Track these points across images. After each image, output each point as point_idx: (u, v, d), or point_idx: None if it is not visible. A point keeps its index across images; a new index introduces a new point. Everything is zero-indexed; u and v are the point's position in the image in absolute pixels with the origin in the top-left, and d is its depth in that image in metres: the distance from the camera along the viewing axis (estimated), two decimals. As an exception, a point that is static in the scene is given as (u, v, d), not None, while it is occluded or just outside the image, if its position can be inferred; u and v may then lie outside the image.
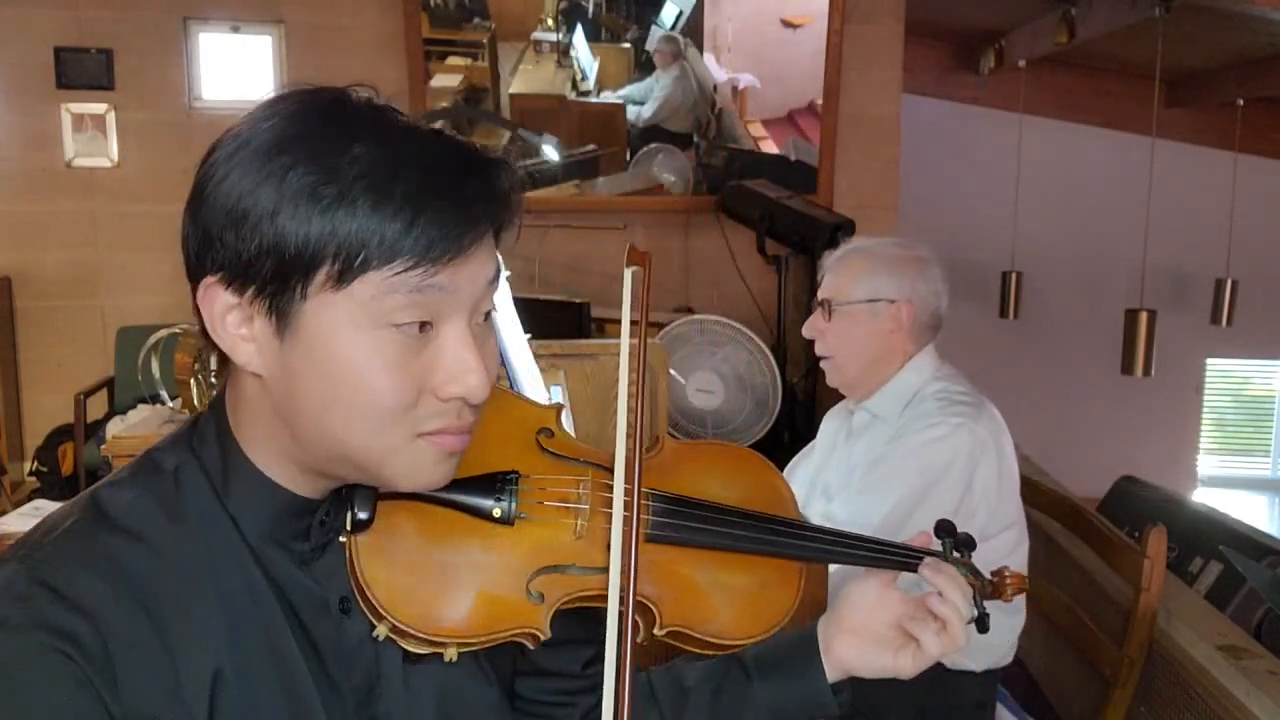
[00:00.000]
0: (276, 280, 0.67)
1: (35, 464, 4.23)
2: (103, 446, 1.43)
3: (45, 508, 2.88)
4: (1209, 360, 6.80)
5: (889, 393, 1.86)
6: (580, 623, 0.91)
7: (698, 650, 0.86)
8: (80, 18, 4.19)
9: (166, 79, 4.27)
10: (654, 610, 0.83)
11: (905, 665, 0.89)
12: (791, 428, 3.38)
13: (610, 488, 0.83)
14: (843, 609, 0.92)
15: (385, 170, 0.67)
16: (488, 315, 0.75)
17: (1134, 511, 3.63)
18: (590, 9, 4.23)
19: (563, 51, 4.25)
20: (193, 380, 1.39)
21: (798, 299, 3.96)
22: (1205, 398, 6.90)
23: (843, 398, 2.01)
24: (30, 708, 0.65)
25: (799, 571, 0.90)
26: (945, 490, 1.72)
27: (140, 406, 3.67)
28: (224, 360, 0.74)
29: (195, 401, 1.40)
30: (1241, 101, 5.74)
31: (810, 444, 2.13)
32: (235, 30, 4.30)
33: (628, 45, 4.27)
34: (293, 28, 4.29)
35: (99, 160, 4.28)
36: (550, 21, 4.23)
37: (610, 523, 0.81)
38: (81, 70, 4.22)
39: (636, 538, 0.80)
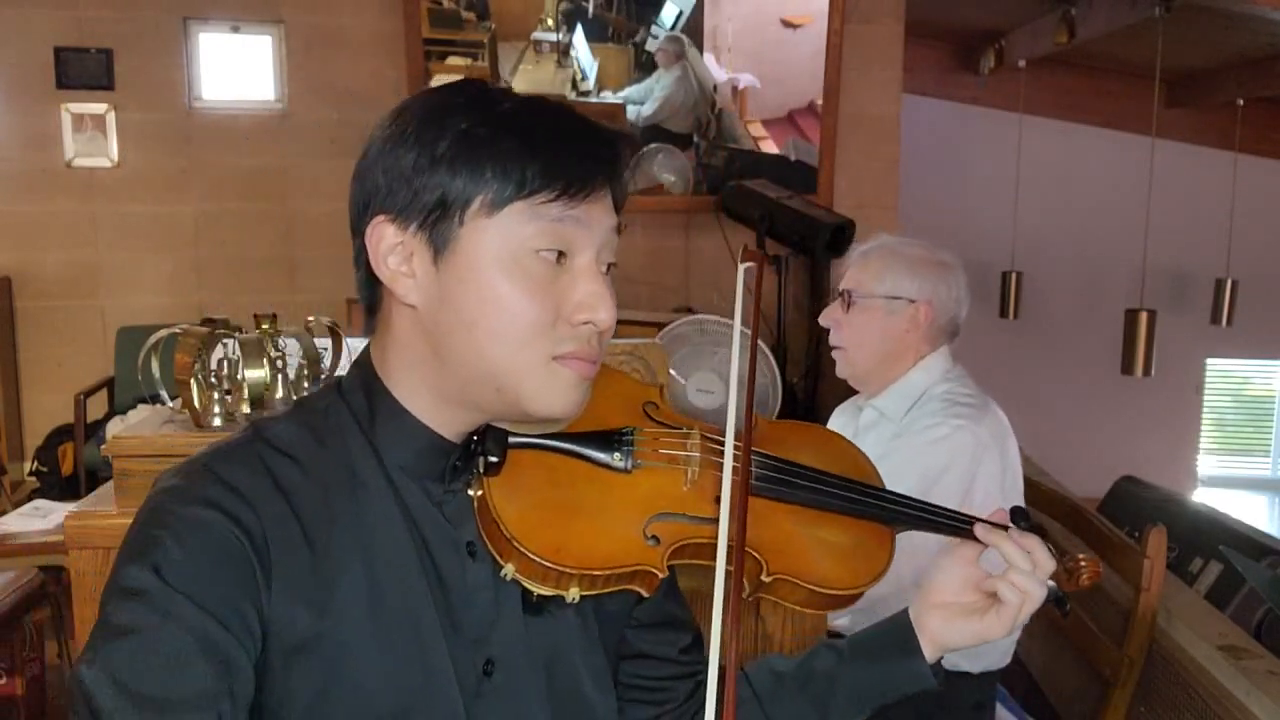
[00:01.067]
0: (439, 209, 0.78)
1: (35, 464, 4.23)
2: (103, 446, 1.43)
3: (45, 508, 2.89)
4: (1209, 360, 6.80)
5: (897, 391, 1.87)
6: (681, 606, 1.00)
7: (799, 604, 0.91)
8: (80, 18, 4.19)
9: (166, 79, 4.28)
10: (760, 559, 0.88)
11: (994, 625, 0.92)
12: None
13: (717, 444, 0.91)
14: (929, 590, 0.96)
15: (529, 120, 0.80)
16: (610, 269, 0.84)
17: (1134, 511, 3.63)
18: (590, 9, 4.23)
19: (563, 51, 4.25)
20: (193, 380, 1.39)
21: (798, 299, 3.96)
22: (1205, 398, 6.91)
23: (852, 393, 2.01)
24: (196, 563, 0.74)
25: (891, 535, 0.96)
26: (944, 492, 1.71)
27: (140, 406, 3.67)
28: (371, 312, 0.86)
29: (195, 402, 1.40)
30: (1241, 101, 5.74)
31: None
32: (235, 30, 4.30)
33: (628, 45, 4.27)
34: (293, 28, 4.29)
35: (99, 160, 4.28)
36: (550, 22, 4.23)
37: (717, 479, 0.89)
38: (81, 70, 4.22)
39: (747, 491, 0.85)
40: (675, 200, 4.34)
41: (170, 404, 1.51)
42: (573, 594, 0.82)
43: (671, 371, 2.91)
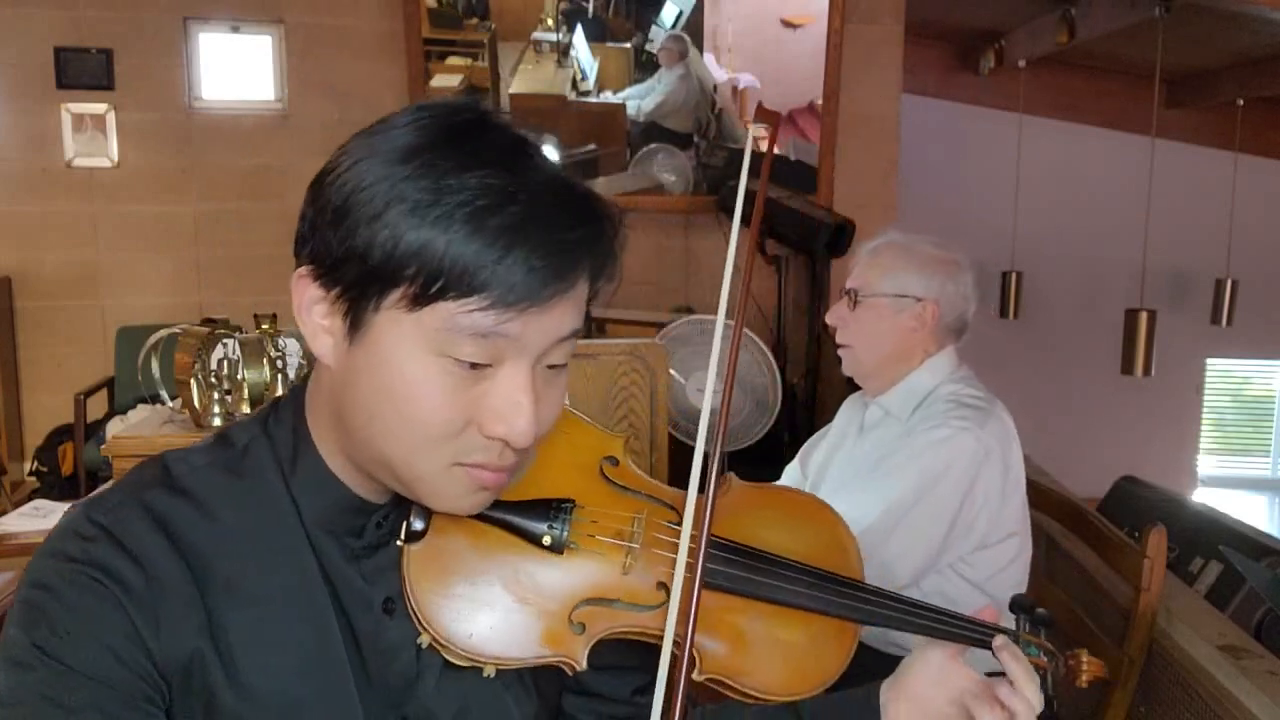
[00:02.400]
0: (357, 287, 0.69)
1: (35, 464, 4.23)
2: (103, 446, 1.43)
3: (45, 508, 2.88)
4: (1209, 360, 6.80)
5: (903, 390, 1.86)
6: (631, 649, 0.89)
7: (736, 699, 0.84)
8: (80, 18, 4.19)
9: (166, 79, 4.28)
10: (695, 657, 0.82)
11: None
12: (792, 428, 3.38)
13: (666, 527, 0.83)
14: (907, 675, 0.88)
15: (491, 202, 0.66)
16: (557, 367, 0.74)
17: (1134, 511, 3.63)
18: (590, 9, 4.23)
19: (563, 51, 4.25)
20: (193, 380, 1.39)
21: (798, 299, 3.96)
22: (1205, 398, 6.91)
23: (856, 388, 2.01)
24: (79, 628, 0.70)
25: (854, 632, 0.87)
26: (943, 493, 1.71)
27: (140, 406, 3.67)
28: None
29: (195, 402, 1.40)
30: (1241, 101, 5.74)
31: (827, 426, 2.12)
32: (235, 30, 4.30)
33: (627, 45, 4.27)
34: (293, 28, 4.29)
35: (99, 160, 4.28)
36: (550, 21, 4.23)
37: (662, 563, 0.81)
38: (81, 70, 4.22)
39: (699, 587, 0.78)
40: (675, 200, 4.34)
41: (170, 404, 1.51)
42: (488, 671, 0.78)
43: (672, 371, 2.91)
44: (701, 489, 0.80)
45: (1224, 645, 1.95)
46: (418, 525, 0.78)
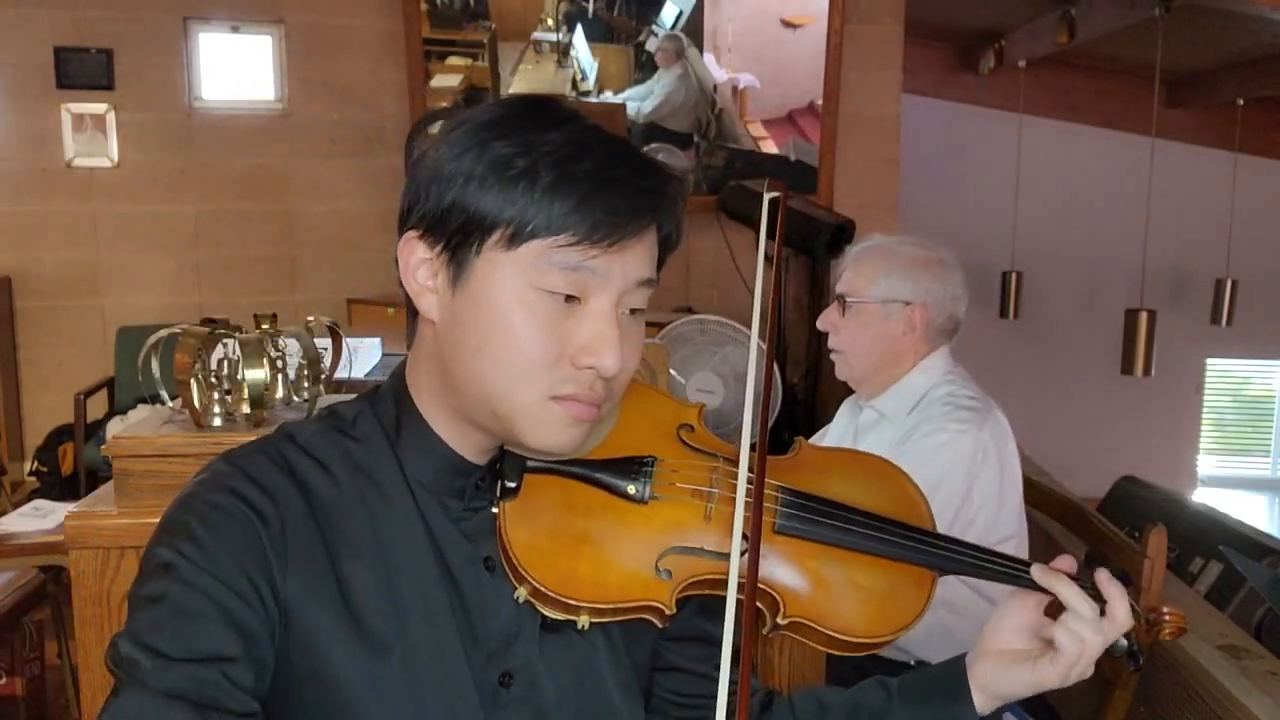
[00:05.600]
0: (460, 234, 0.78)
1: (35, 464, 4.23)
2: (103, 446, 1.42)
3: (45, 508, 2.88)
4: (1209, 360, 6.80)
5: (897, 393, 1.85)
6: (711, 620, 0.94)
7: (820, 646, 0.88)
8: (80, 18, 4.19)
9: (166, 79, 4.28)
10: (778, 599, 0.86)
11: (1048, 673, 0.88)
12: (792, 428, 3.38)
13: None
14: (986, 637, 0.93)
15: (571, 155, 0.77)
16: (636, 312, 0.83)
17: (1134, 511, 3.63)
18: (590, 9, 4.23)
19: (563, 51, 4.25)
20: (193, 380, 1.39)
21: (798, 299, 3.96)
22: (1205, 398, 6.91)
23: (851, 391, 2.00)
24: (219, 543, 0.77)
25: (931, 579, 0.91)
26: (944, 496, 1.70)
27: (140, 406, 3.67)
28: (413, 316, 0.86)
29: (195, 401, 1.40)
30: (1241, 101, 5.74)
31: (825, 428, 2.11)
32: (235, 30, 4.31)
33: (629, 46, 4.27)
34: (293, 28, 4.29)
35: (99, 160, 4.28)
36: (550, 21, 4.23)
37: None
38: (81, 70, 4.22)
39: (760, 527, 0.82)
40: (675, 200, 4.34)
41: (170, 404, 1.51)
42: (583, 621, 0.82)
43: (672, 371, 2.91)
44: (754, 444, 0.87)
45: (1224, 645, 1.95)
46: (511, 484, 0.85)
